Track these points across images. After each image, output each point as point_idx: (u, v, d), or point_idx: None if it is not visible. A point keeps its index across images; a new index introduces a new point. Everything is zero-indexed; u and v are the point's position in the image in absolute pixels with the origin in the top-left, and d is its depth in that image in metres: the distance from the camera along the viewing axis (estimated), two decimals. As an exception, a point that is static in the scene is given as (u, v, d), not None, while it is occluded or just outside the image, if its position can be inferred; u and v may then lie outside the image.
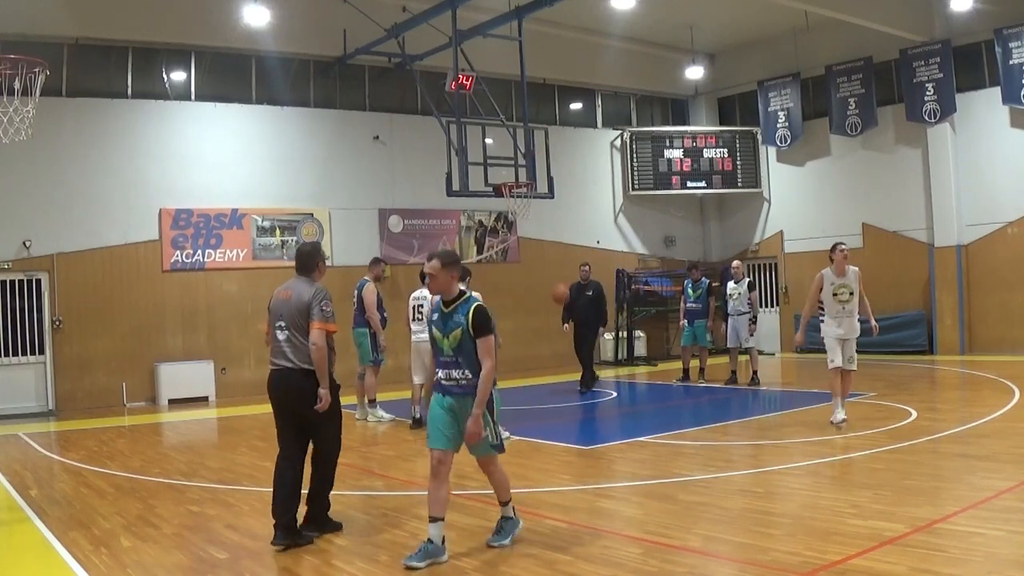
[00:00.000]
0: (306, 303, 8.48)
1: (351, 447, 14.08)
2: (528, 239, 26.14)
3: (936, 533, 7.65)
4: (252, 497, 10.46)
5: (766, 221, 29.05)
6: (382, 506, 9.86)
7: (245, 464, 12.76)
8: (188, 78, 22.07)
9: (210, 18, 21.32)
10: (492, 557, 7.64)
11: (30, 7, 19.04)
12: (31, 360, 19.64)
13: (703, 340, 20.64)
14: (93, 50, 20.82)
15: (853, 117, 25.97)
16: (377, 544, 8.27)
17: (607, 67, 27.71)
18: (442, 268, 7.82)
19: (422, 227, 24.60)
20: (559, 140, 23.90)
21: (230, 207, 21.86)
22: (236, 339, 21.75)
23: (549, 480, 11.15)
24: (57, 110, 19.30)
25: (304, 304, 8.51)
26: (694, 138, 28.76)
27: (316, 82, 23.75)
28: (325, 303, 8.53)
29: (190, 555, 8.07)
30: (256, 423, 17.15)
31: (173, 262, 21.06)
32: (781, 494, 9.70)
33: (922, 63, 24.31)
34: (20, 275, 19.56)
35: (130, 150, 20.84)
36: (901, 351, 24.57)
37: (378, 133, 24.05)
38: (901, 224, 25.51)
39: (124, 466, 12.80)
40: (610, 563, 7.31)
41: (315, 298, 8.50)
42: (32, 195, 19.49)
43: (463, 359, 7.74)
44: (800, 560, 7.06)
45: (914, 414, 14.33)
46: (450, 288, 7.89)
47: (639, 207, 28.78)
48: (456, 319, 7.77)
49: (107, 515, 9.65)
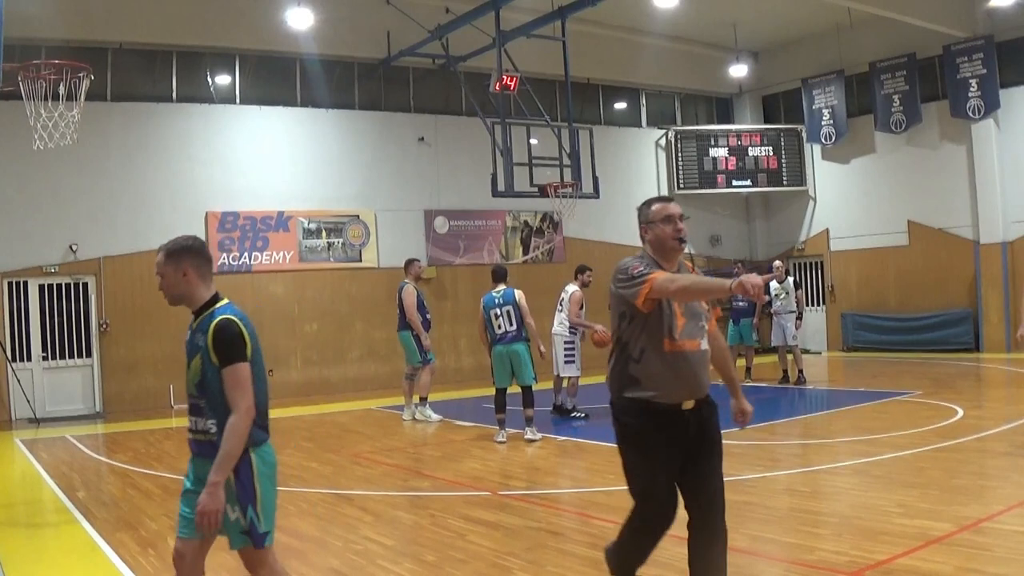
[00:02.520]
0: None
1: (398, 447, 14.17)
2: (573, 239, 26.11)
3: (983, 532, 7.60)
4: (297, 498, 10.51)
5: (812, 219, 28.89)
6: (428, 506, 9.88)
7: (291, 465, 12.80)
8: (233, 81, 22.23)
9: (253, 22, 21.47)
10: (538, 556, 7.65)
11: (73, 13, 19.22)
12: (79, 363, 19.83)
13: (749, 339, 20.58)
14: (137, 54, 21.02)
15: (897, 114, 25.81)
16: (423, 544, 8.29)
17: (651, 66, 27.64)
18: (166, 262, 5.44)
19: (468, 228, 24.65)
20: (604, 140, 23.84)
21: (276, 209, 21.99)
22: (283, 340, 21.85)
23: (596, 480, 11.16)
24: (102, 115, 19.47)
25: None
26: (739, 136, 28.67)
27: (360, 84, 23.84)
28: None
29: (236, 556, 8.08)
30: (302, 424, 17.25)
31: (220, 264, 21.17)
32: (827, 493, 9.67)
33: (965, 59, 24.12)
34: (67, 279, 19.74)
35: (175, 154, 21.01)
36: (947, 349, 24.40)
37: (423, 134, 24.12)
38: (946, 221, 25.32)
39: (171, 468, 12.90)
40: (656, 563, 7.29)
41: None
42: (78, 200, 19.68)
43: (208, 402, 5.34)
44: (847, 560, 7.04)
45: (960, 412, 14.21)
46: (184, 291, 5.54)
47: (684, 206, 27.95)
48: (196, 340, 5.43)
49: (154, 516, 9.73)
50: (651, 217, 5.77)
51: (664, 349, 5.54)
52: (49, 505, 10.88)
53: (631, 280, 5.54)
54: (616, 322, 5.80)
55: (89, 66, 13.47)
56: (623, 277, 5.63)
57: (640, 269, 5.55)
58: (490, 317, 14.21)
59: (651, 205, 5.85)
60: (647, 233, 5.83)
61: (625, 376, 5.72)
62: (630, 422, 5.76)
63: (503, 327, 14.07)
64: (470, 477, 11.39)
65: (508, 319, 14.02)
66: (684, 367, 5.58)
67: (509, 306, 14.01)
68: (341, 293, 22.70)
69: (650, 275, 5.46)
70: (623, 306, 5.69)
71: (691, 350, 5.62)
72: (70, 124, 13.25)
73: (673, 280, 5.36)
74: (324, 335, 22.44)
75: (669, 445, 5.60)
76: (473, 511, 9.38)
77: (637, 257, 5.78)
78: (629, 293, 5.55)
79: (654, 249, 5.78)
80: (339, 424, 17.07)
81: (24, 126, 13.37)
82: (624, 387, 5.73)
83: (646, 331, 5.58)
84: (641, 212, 5.89)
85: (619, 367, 5.78)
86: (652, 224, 5.78)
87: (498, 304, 14.14)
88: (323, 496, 10.59)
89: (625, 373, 5.72)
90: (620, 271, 5.69)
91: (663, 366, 5.54)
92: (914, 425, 13.28)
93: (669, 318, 5.54)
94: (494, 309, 14.17)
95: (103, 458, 14.11)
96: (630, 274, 5.58)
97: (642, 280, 5.46)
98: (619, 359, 5.78)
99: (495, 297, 14.23)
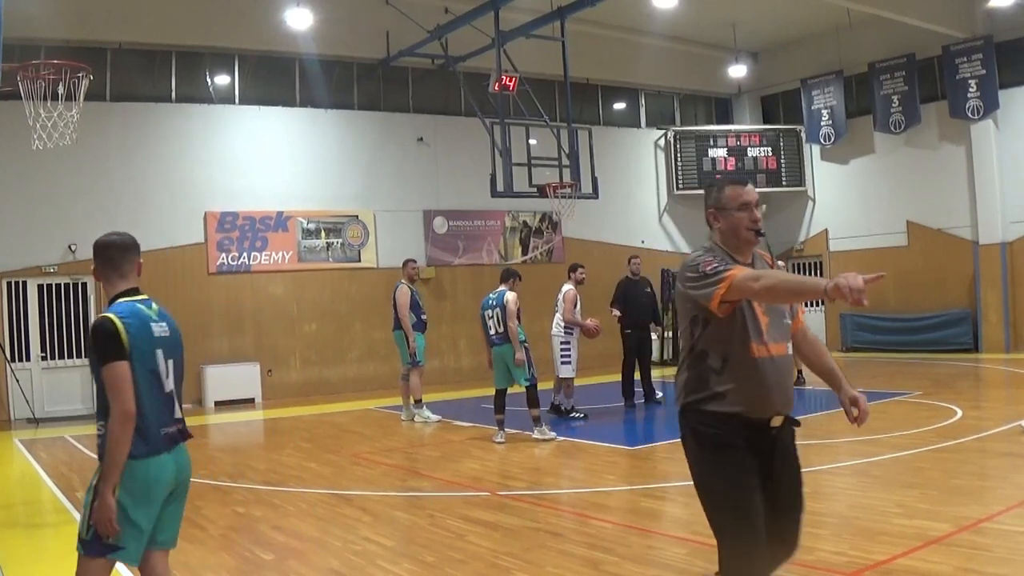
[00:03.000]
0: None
1: (397, 448, 14.17)
2: (573, 239, 26.11)
3: (982, 532, 7.60)
4: (298, 498, 10.52)
5: (811, 220, 28.90)
6: (427, 507, 9.88)
7: (291, 465, 12.83)
8: (232, 82, 22.24)
9: (253, 22, 21.47)
10: (537, 557, 7.65)
11: (73, 13, 19.22)
12: (78, 363, 19.77)
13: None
14: (136, 54, 21.03)
15: (896, 114, 25.82)
16: (422, 544, 8.29)
17: (650, 66, 27.65)
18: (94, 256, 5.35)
19: (467, 228, 24.66)
20: (603, 140, 23.85)
21: (275, 210, 22.00)
22: (282, 341, 21.90)
23: (595, 481, 11.17)
24: (101, 115, 19.47)
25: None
26: (738, 137, 28.69)
27: (359, 84, 23.86)
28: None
29: (236, 556, 8.13)
30: (301, 424, 17.27)
31: (219, 264, 21.21)
32: (826, 493, 9.66)
33: (964, 59, 24.13)
34: (66, 279, 19.73)
35: (175, 154, 21.02)
36: (946, 349, 24.41)
37: (422, 135, 24.13)
38: (945, 222, 25.33)
39: (172, 467, 12.87)
40: (656, 564, 7.32)
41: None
42: (77, 199, 19.65)
43: (98, 402, 5.03)
44: (845, 560, 7.04)
45: (960, 413, 14.21)
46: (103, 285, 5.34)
47: (684, 207, 28.69)
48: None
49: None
50: (723, 202, 4.99)
51: (752, 355, 4.74)
52: (48, 505, 10.89)
53: (704, 279, 4.73)
54: (687, 328, 4.98)
55: (88, 66, 13.48)
56: (693, 275, 4.81)
57: (714, 265, 4.73)
58: (484, 317, 14.33)
59: (723, 188, 5.05)
60: (717, 220, 5.04)
61: (705, 390, 4.85)
62: (712, 431, 4.84)
63: (493, 328, 14.16)
64: (469, 477, 11.40)
65: (497, 321, 14.08)
66: (774, 375, 4.80)
67: (499, 308, 14.07)
68: (340, 293, 22.70)
69: (728, 271, 4.66)
70: (694, 309, 4.89)
71: (780, 355, 4.87)
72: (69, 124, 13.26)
73: (756, 278, 4.55)
74: (323, 335, 22.44)
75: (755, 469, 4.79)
76: (472, 511, 9.38)
77: (706, 250, 4.98)
78: (701, 294, 4.74)
79: (724, 239, 5.01)
80: (338, 424, 17.07)
81: (23, 126, 13.38)
82: (703, 402, 4.85)
83: (728, 336, 4.78)
84: (710, 195, 5.10)
85: (695, 380, 4.91)
86: (724, 211, 5.00)
87: (491, 306, 14.24)
88: (322, 496, 10.59)
89: (705, 387, 4.85)
90: (689, 268, 4.87)
91: (752, 376, 4.75)
92: (913, 425, 13.28)
93: (752, 318, 4.79)
94: (487, 310, 14.30)
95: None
96: (702, 271, 4.75)
97: (718, 278, 4.66)
98: (695, 371, 4.92)
99: (490, 299, 14.33)
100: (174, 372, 5.16)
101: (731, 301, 4.67)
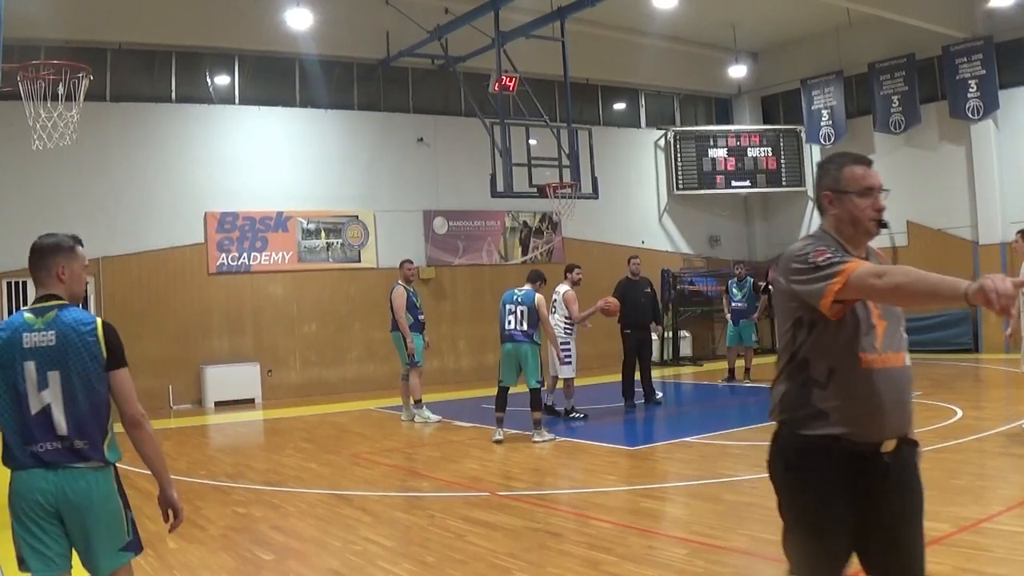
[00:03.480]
0: None
1: (397, 448, 14.17)
2: (573, 239, 26.10)
3: (982, 533, 7.60)
4: (297, 498, 10.52)
5: (811, 220, 28.83)
6: (428, 507, 9.88)
7: (291, 466, 12.83)
8: (232, 82, 22.22)
9: (253, 22, 21.44)
10: (537, 557, 7.65)
11: (73, 13, 19.20)
12: (78, 363, 19.73)
13: (748, 340, 20.62)
14: (136, 55, 21.01)
15: (896, 115, 25.81)
16: (422, 545, 8.30)
17: (650, 67, 27.63)
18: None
19: (467, 228, 24.65)
20: (603, 140, 23.80)
21: (275, 210, 21.99)
22: (282, 341, 21.89)
23: (595, 481, 11.16)
24: (101, 115, 19.44)
25: None
26: (738, 137, 28.68)
27: (359, 85, 23.84)
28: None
29: (236, 556, 8.13)
30: (301, 425, 17.27)
31: (219, 265, 21.21)
32: (827, 494, 9.66)
33: (964, 60, 24.13)
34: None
35: (175, 154, 21.00)
36: (946, 349, 24.37)
37: (422, 135, 24.10)
38: (946, 222, 25.32)
39: (170, 468, 12.78)
40: (656, 564, 7.31)
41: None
42: (77, 199, 19.61)
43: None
44: (846, 560, 7.04)
45: (959, 413, 14.20)
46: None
47: (684, 207, 28.70)
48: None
49: (153, 517, 9.64)
50: (843, 184, 4.22)
51: (864, 367, 3.96)
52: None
53: (814, 272, 3.93)
54: (788, 329, 4.19)
55: (88, 66, 13.50)
56: (802, 267, 4.01)
57: (828, 255, 3.94)
58: (504, 311, 14.30)
59: (843, 167, 4.25)
60: (832, 205, 4.25)
61: (805, 406, 4.07)
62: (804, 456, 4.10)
63: (513, 324, 14.12)
64: (469, 478, 11.40)
65: (520, 318, 14.05)
66: (888, 391, 4.00)
67: (525, 307, 14.04)
68: (340, 294, 22.69)
69: (844, 264, 3.86)
70: (799, 309, 4.08)
71: (896, 367, 4.05)
72: (69, 124, 13.28)
73: (879, 274, 3.75)
74: (323, 336, 22.43)
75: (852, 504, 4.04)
76: (472, 512, 9.38)
77: (815, 237, 4.21)
78: (810, 291, 3.94)
79: (839, 227, 4.24)
80: (338, 425, 17.07)
81: (23, 126, 13.40)
82: (802, 422, 4.07)
83: (837, 342, 3.99)
84: (827, 173, 4.30)
85: (794, 393, 4.13)
86: (843, 194, 4.22)
87: (516, 301, 14.23)
88: (322, 497, 10.59)
89: (805, 402, 4.07)
90: (796, 259, 4.05)
91: (860, 391, 3.97)
92: (913, 425, 13.25)
93: (866, 321, 4.01)
94: (509, 304, 14.27)
95: (102, 458, 14.08)
96: (813, 263, 3.95)
97: (832, 271, 3.87)
98: (794, 382, 4.14)
99: (516, 294, 14.34)
100: (62, 384, 4.72)
101: (846, 301, 3.89)
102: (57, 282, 4.99)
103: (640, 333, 17.69)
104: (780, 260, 4.18)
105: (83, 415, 4.74)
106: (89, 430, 4.77)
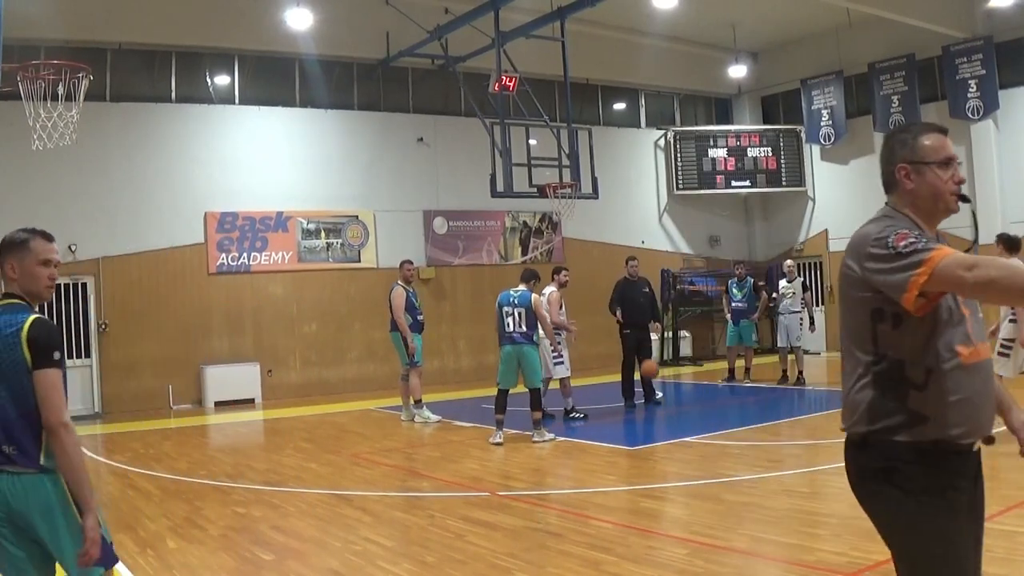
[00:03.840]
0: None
1: (397, 448, 14.17)
2: (572, 239, 26.10)
3: (983, 533, 7.59)
4: (297, 498, 10.52)
5: (810, 220, 28.87)
6: (428, 507, 9.88)
7: (291, 466, 12.82)
8: (232, 82, 22.21)
9: (253, 22, 21.43)
10: (537, 557, 7.64)
11: (73, 13, 19.19)
12: (77, 363, 19.74)
13: (748, 340, 20.62)
14: (136, 55, 21.00)
15: (896, 115, 25.78)
16: (422, 545, 8.29)
17: (650, 67, 27.62)
18: None
19: (467, 228, 24.64)
20: (603, 140, 23.79)
21: (275, 210, 21.98)
22: (282, 341, 21.88)
23: (595, 481, 11.15)
24: (101, 115, 19.43)
25: None
26: (738, 137, 28.67)
27: (359, 85, 23.83)
28: None
29: (236, 556, 8.12)
30: (301, 424, 17.26)
31: (219, 265, 21.20)
32: (827, 494, 9.66)
33: (964, 60, 24.13)
34: (66, 279, 19.65)
35: (175, 154, 20.99)
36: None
37: (422, 135, 24.09)
38: (946, 222, 24.32)
39: (170, 468, 12.89)
40: (655, 564, 7.31)
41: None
42: (77, 199, 19.63)
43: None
44: (846, 560, 7.03)
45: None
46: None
47: (684, 207, 28.70)
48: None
49: (153, 517, 9.73)
50: (922, 154, 3.74)
51: (961, 363, 3.49)
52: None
53: (897, 260, 3.41)
54: (866, 325, 3.63)
55: (88, 66, 13.51)
56: (880, 252, 3.48)
57: (910, 240, 3.43)
58: (502, 313, 14.27)
59: (920, 136, 3.77)
60: (909, 179, 3.80)
61: (900, 414, 3.55)
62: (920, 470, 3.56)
63: (512, 326, 14.12)
64: (469, 478, 11.39)
65: (518, 320, 14.06)
66: (985, 386, 3.62)
67: (523, 308, 14.05)
68: (340, 294, 22.68)
69: (930, 252, 3.36)
70: (877, 300, 3.54)
71: (987, 359, 3.68)
72: (69, 124, 13.28)
73: (971, 265, 3.24)
74: (323, 336, 22.43)
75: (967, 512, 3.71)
76: (472, 512, 9.38)
77: (889, 217, 3.75)
78: (891, 282, 3.42)
79: (916, 204, 3.83)
80: (338, 425, 17.06)
81: (23, 126, 13.41)
82: (898, 430, 3.54)
83: (931, 338, 3.50)
84: (903, 144, 3.81)
85: (886, 400, 3.58)
86: (923, 165, 3.76)
87: (512, 303, 14.20)
88: (322, 497, 10.58)
89: (900, 409, 3.55)
90: (873, 243, 3.53)
91: (962, 390, 3.51)
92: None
93: (957, 312, 3.56)
94: (507, 307, 14.25)
95: (102, 458, 14.07)
96: (894, 248, 3.42)
97: (917, 259, 3.35)
98: (883, 387, 3.60)
99: (512, 295, 14.30)
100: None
101: (930, 295, 3.38)
102: (9, 280, 4.71)
103: (639, 333, 17.69)
104: (851, 242, 3.67)
105: (11, 421, 4.53)
106: (18, 436, 4.54)
